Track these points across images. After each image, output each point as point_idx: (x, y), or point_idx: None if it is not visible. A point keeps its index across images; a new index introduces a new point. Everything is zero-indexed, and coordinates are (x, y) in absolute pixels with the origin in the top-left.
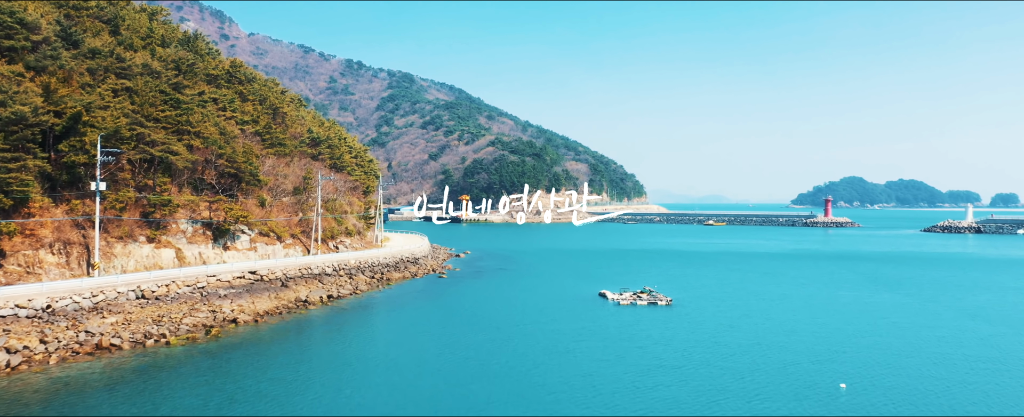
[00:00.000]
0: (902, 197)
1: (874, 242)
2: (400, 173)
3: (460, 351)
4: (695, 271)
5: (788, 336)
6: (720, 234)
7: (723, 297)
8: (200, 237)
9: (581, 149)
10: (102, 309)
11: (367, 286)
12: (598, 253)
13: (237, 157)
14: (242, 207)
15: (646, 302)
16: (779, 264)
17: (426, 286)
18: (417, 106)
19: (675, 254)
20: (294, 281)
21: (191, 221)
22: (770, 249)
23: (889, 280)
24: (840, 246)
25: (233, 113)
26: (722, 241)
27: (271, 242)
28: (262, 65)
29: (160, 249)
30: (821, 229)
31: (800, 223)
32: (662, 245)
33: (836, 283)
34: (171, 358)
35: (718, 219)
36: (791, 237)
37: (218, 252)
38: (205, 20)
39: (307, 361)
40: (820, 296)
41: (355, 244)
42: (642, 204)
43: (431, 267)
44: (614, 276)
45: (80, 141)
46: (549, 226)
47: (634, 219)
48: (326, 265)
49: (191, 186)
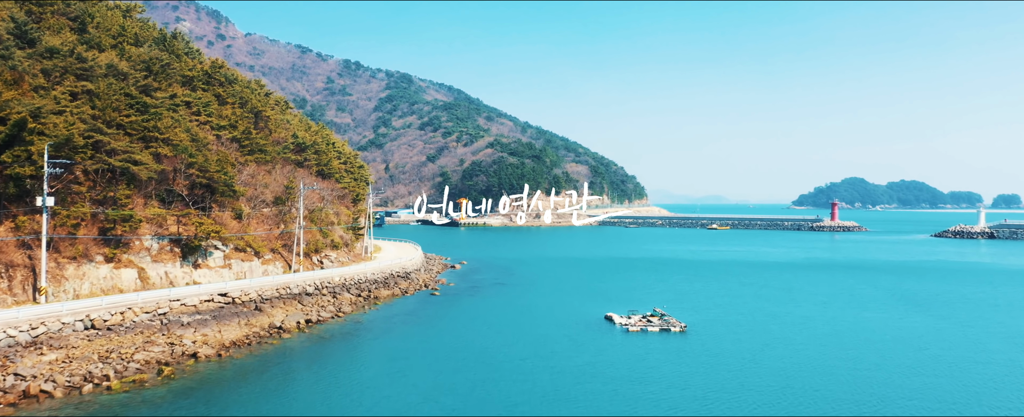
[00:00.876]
0: (904, 198)
1: (886, 249)
2: (397, 175)
3: (447, 395)
4: (705, 286)
5: (822, 376)
6: (724, 239)
7: (740, 321)
8: (167, 255)
9: (581, 151)
10: (42, 344)
11: (352, 307)
12: (601, 262)
13: (210, 166)
14: (215, 221)
15: (658, 328)
16: (792, 276)
17: (417, 306)
18: (415, 107)
19: (682, 264)
20: (270, 303)
21: (157, 237)
22: (779, 257)
23: (916, 297)
24: (852, 253)
25: (208, 117)
26: (728, 248)
27: (248, 258)
28: (259, 65)
29: (120, 269)
30: (827, 233)
31: (805, 227)
32: (667, 252)
33: (859, 301)
34: (106, 410)
35: (722, 223)
36: (798, 243)
37: (187, 271)
38: (201, 20)
39: (269, 413)
40: (845, 319)
41: (342, 257)
42: (643, 206)
43: (424, 282)
44: (619, 292)
45: (26, 151)
46: (549, 229)
47: (636, 222)
48: (308, 283)
49: (159, 198)
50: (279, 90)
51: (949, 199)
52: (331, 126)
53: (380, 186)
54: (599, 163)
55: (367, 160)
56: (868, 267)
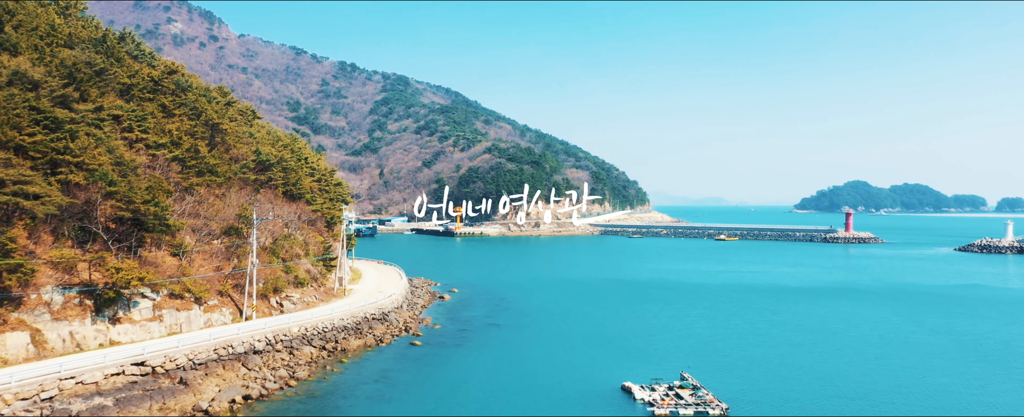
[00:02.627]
0: (907, 202)
1: (912, 268)
2: (392, 181)
3: None
4: (730, 324)
5: None
6: (734, 253)
7: (788, 393)
8: (74, 309)
9: (581, 155)
10: None
11: (310, 368)
12: (606, 287)
13: (136, 196)
14: (143, 262)
15: (692, 412)
16: (824, 308)
17: (391, 364)
18: (412, 110)
19: (696, 291)
20: (204, 369)
21: (61, 288)
22: (800, 279)
23: (983, 346)
24: (877, 273)
25: (144, 134)
26: (741, 267)
27: (186, 306)
28: (252, 67)
29: (6, 334)
30: (841, 246)
31: (818, 238)
32: (676, 273)
33: (918, 352)
34: None
35: (729, 233)
36: (814, 258)
37: (102, 328)
38: (193, 21)
39: None
40: (916, 385)
41: (309, 296)
42: (645, 212)
43: (404, 324)
44: (633, 339)
45: None
46: (549, 239)
47: (639, 232)
48: (258, 336)
49: (73, 237)
50: (272, 92)
51: (953, 203)
52: (325, 129)
53: (374, 192)
54: (600, 168)
55: (361, 165)
56: (903, 294)
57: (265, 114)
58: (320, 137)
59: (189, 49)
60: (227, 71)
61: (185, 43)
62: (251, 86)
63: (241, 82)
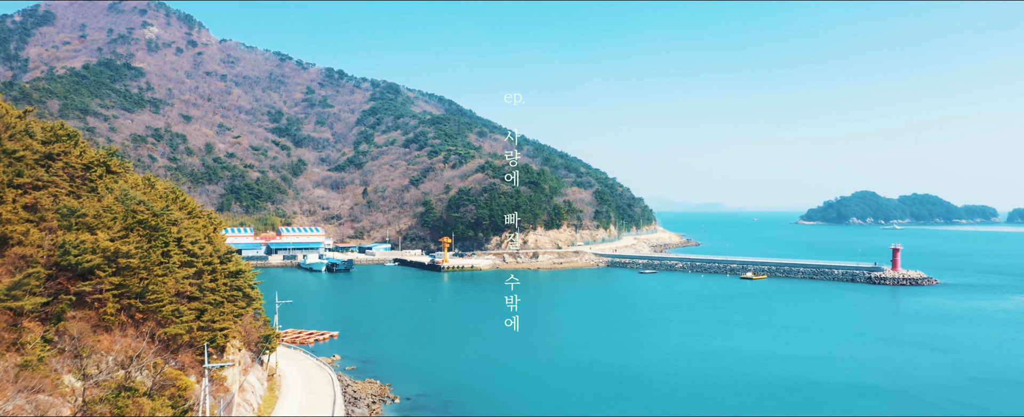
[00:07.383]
0: (917, 213)
1: (1009, 338)
2: (376, 201)
3: None
4: None
5: None
6: (768, 301)
7: None
8: None
9: (583, 170)
10: None
11: None
12: (625, 377)
13: None
14: None
15: None
16: None
17: None
18: (401, 121)
19: (745, 387)
20: None
21: None
22: (872, 365)
23: None
24: (966, 350)
25: None
26: (790, 338)
27: None
28: (232, 75)
29: None
30: (889, 288)
31: (862, 278)
32: (710, 347)
33: None
34: None
35: (756, 270)
36: (867, 312)
37: None
38: (171, 25)
39: None
40: None
41: None
42: (651, 232)
43: None
44: None
45: None
46: (548, 278)
47: (651, 265)
48: None
49: None
50: (253, 101)
51: (963, 213)
52: (308, 141)
53: (356, 213)
54: (603, 184)
55: (344, 182)
56: None
57: (244, 125)
58: (301, 150)
59: (164, 55)
60: (204, 79)
61: (160, 49)
62: (230, 95)
63: (219, 91)
